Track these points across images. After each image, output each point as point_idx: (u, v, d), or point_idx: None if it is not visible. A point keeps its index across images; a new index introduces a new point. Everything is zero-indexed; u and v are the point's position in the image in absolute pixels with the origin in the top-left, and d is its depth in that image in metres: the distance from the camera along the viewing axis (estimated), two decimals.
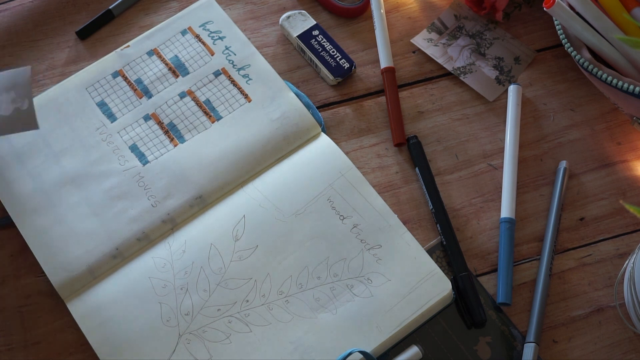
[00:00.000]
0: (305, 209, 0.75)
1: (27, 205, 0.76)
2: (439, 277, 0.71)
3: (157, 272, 0.73)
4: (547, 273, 0.72)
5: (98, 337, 0.70)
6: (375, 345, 0.69)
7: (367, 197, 0.75)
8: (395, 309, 0.70)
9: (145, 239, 0.74)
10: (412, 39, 0.84)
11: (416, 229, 0.76)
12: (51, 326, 0.72)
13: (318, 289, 0.72)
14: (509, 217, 0.74)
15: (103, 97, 0.81)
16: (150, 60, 0.83)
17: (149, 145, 0.79)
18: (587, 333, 0.71)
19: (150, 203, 0.76)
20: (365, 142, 0.80)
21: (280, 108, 0.80)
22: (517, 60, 0.83)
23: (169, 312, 0.71)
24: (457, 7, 0.86)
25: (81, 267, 0.73)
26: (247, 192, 0.76)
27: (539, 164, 0.78)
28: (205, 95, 0.81)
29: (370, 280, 0.72)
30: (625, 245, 0.75)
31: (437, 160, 0.79)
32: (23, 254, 0.75)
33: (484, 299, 0.72)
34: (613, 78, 0.71)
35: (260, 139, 0.78)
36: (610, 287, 0.73)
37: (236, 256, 0.73)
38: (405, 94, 0.82)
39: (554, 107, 0.81)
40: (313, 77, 0.83)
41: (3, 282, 0.74)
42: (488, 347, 0.70)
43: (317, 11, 0.87)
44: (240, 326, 0.70)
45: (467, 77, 0.82)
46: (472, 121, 0.81)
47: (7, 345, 0.71)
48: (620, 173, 0.78)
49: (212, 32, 0.84)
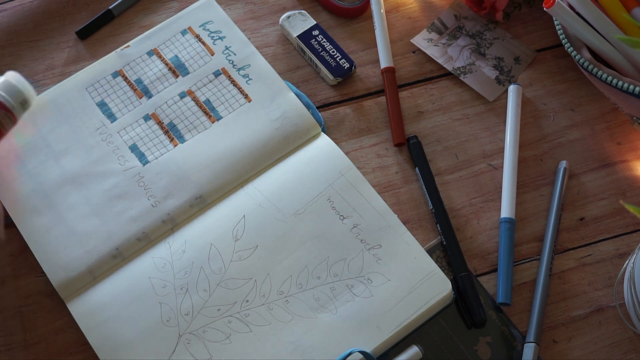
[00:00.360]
0: (305, 209, 0.75)
1: (27, 205, 0.76)
2: (439, 277, 0.71)
3: (157, 272, 0.73)
4: (547, 273, 0.72)
5: (98, 337, 0.70)
6: (375, 345, 0.69)
7: (367, 197, 0.75)
8: (395, 309, 0.70)
9: (145, 239, 0.74)
10: (412, 39, 0.84)
11: (416, 229, 0.75)
12: (51, 326, 0.72)
13: (318, 289, 0.71)
14: (509, 217, 0.74)
15: (103, 97, 0.81)
16: (150, 60, 0.83)
17: (149, 145, 0.79)
18: (587, 333, 0.71)
19: (150, 203, 0.76)
20: (365, 142, 0.80)
21: (280, 108, 0.80)
22: (517, 60, 0.83)
23: (169, 312, 0.71)
24: (457, 7, 0.86)
25: (81, 267, 0.73)
26: (247, 192, 0.76)
27: (539, 164, 0.78)
28: (205, 95, 0.81)
29: (370, 280, 0.72)
30: (625, 245, 0.75)
31: (437, 160, 0.79)
32: (23, 254, 0.75)
33: (484, 299, 0.72)
34: (613, 78, 0.71)
35: (260, 139, 0.78)
36: (610, 287, 0.73)
37: (236, 256, 0.73)
38: (405, 94, 0.82)
39: (554, 107, 0.81)
40: (313, 77, 0.83)
41: (3, 282, 0.74)
42: (488, 347, 0.70)
43: (317, 11, 0.87)
44: (240, 326, 0.70)
45: (467, 77, 0.82)
46: (472, 121, 0.81)
47: (7, 345, 0.71)
48: (620, 173, 0.78)
49: (212, 32, 0.84)
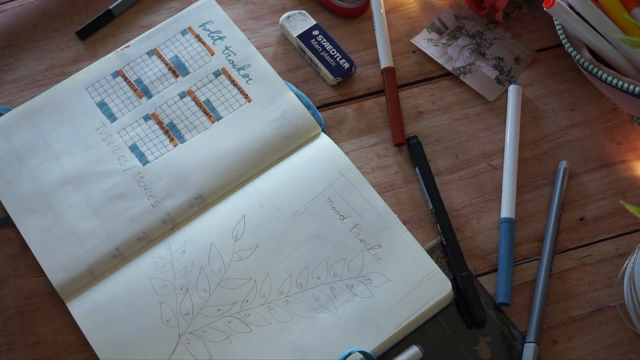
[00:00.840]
0: (305, 209, 0.75)
1: (27, 205, 0.76)
2: (439, 277, 0.71)
3: (157, 272, 0.73)
4: (547, 273, 0.72)
5: (98, 337, 0.70)
6: (375, 345, 0.69)
7: (367, 197, 0.75)
8: (395, 309, 0.70)
9: (145, 239, 0.74)
10: (412, 39, 0.84)
11: (416, 229, 0.75)
12: (51, 326, 0.72)
13: (318, 289, 0.71)
14: (509, 217, 0.74)
15: (103, 97, 0.81)
16: (150, 60, 0.83)
17: (149, 145, 0.79)
18: (587, 333, 0.71)
19: (150, 203, 0.76)
20: (365, 142, 0.80)
21: (280, 108, 0.80)
22: (517, 60, 0.83)
23: (169, 312, 0.71)
24: (457, 7, 0.86)
25: (81, 267, 0.73)
26: (247, 192, 0.76)
27: (539, 164, 0.78)
28: (205, 95, 0.81)
29: (370, 280, 0.72)
30: (625, 245, 0.74)
31: (437, 160, 0.79)
32: (23, 254, 0.75)
33: (484, 299, 0.72)
34: (613, 78, 0.71)
35: (260, 139, 0.78)
36: (610, 287, 0.73)
37: (236, 256, 0.73)
38: (405, 94, 0.82)
39: (554, 107, 0.81)
40: (313, 77, 0.83)
41: (3, 282, 0.74)
42: (488, 347, 0.70)
43: (317, 11, 0.87)
44: (240, 326, 0.70)
45: (467, 77, 0.82)
46: (472, 121, 0.81)
47: (7, 345, 0.71)
48: (620, 173, 0.78)
49: (212, 32, 0.84)
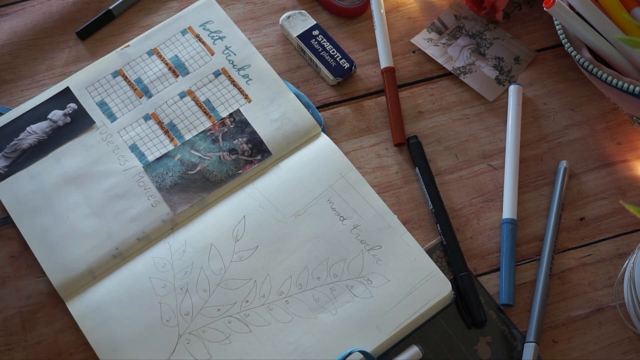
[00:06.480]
0: (306, 210, 0.75)
1: (27, 205, 0.76)
2: (439, 278, 0.71)
3: (157, 272, 0.73)
4: (547, 273, 0.72)
5: (98, 337, 0.70)
6: (375, 346, 0.69)
7: (367, 198, 0.75)
8: (395, 310, 0.70)
9: (145, 238, 0.74)
10: (412, 39, 0.84)
11: (416, 229, 0.75)
12: (51, 326, 0.72)
13: (318, 289, 0.71)
14: (511, 217, 0.74)
15: (103, 97, 0.81)
16: (150, 60, 0.83)
17: (149, 145, 0.79)
18: (587, 333, 0.71)
19: (150, 203, 0.76)
20: (365, 142, 0.80)
21: (280, 108, 0.80)
22: (517, 60, 0.83)
23: (168, 312, 0.71)
24: (457, 7, 0.86)
25: (81, 267, 0.73)
26: (248, 192, 0.76)
27: (539, 164, 0.78)
28: (205, 95, 0.81)
29: (370, 281, 0.72)
30: (625, 245, 0.75)
31: (437, 160, 0.79)
32: (23, 254, 0.75)
33: (484, 298, 0.72)
34: (613, 78, 0.71)
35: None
36: (610, 287, 0.73)
37: (236, 256, 0.73)
38: (405, 94, 0.82)
39: (554, 107, 0.81)
40: (313, 77, 0.83)
41: (3, 282, 0.74)
42: (488, 347, 0.70)
43: (317, 11, 0.87)
44: (240, 326, 0.70)
45: (467, 77, 0.82)
46: (472, 121, 0.81)
47: (7, 345, 0.71)
48: (620, 173, 0.78)
49: (212, 32, 0.84)
